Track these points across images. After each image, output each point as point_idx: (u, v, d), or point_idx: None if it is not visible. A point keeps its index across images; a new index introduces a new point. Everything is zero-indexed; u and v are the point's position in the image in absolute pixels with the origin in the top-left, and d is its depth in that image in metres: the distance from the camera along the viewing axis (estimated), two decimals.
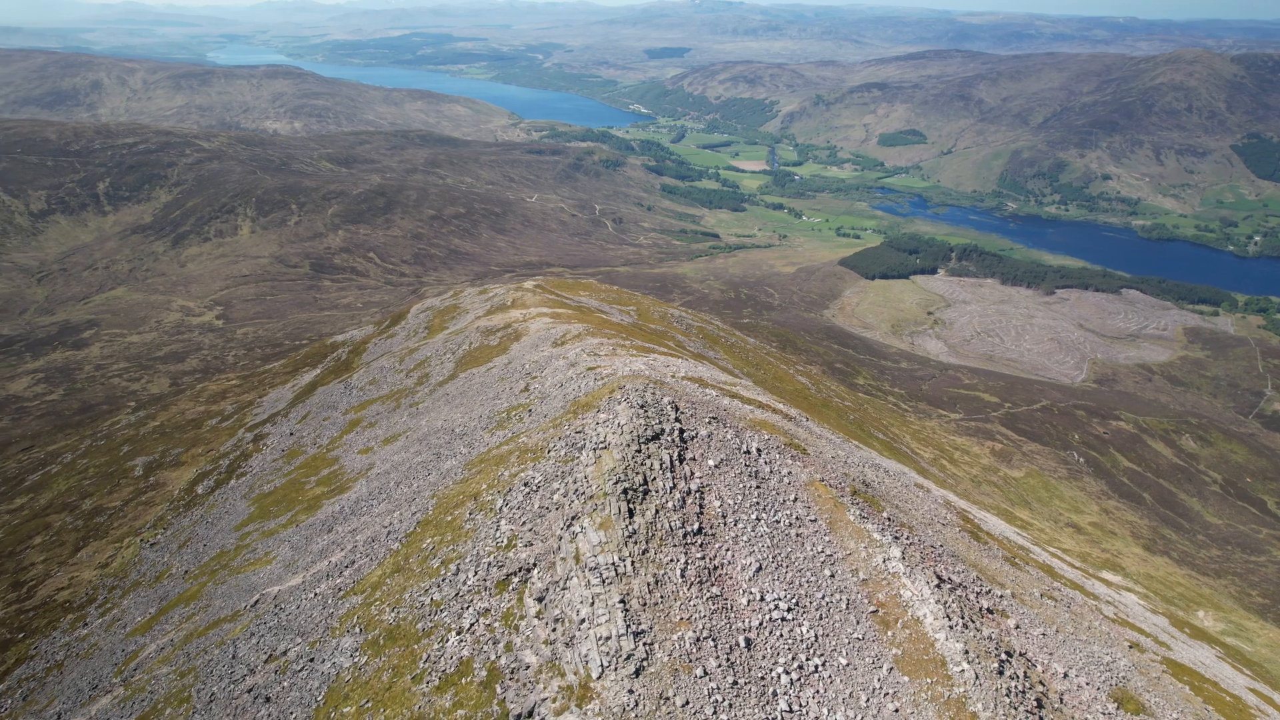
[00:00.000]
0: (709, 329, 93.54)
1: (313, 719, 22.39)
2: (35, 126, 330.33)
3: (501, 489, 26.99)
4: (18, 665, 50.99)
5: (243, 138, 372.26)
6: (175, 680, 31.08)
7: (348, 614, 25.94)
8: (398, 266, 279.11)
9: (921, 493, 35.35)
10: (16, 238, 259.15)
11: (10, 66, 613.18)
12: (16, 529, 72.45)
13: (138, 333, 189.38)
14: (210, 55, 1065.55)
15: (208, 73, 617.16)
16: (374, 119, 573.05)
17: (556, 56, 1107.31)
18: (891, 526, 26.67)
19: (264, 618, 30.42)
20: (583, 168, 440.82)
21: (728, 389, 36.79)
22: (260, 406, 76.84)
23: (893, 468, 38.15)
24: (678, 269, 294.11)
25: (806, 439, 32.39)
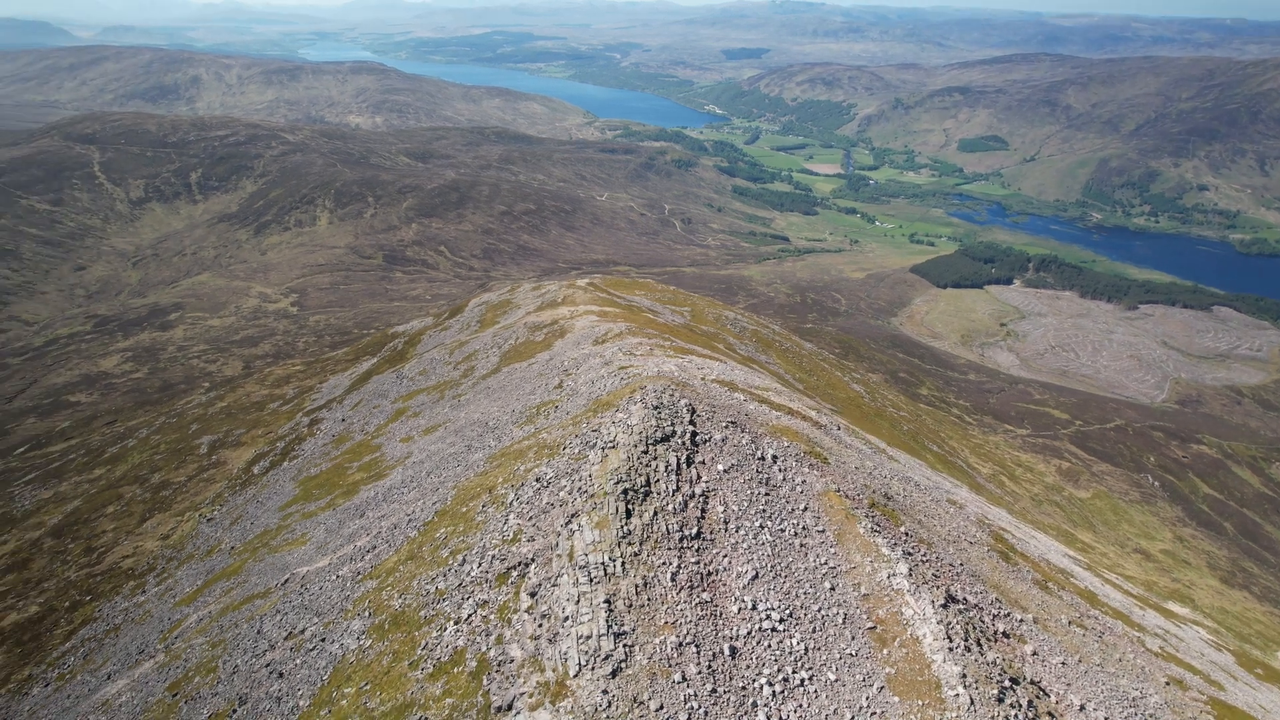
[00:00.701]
0: (764, 333, 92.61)
1: (317, 696, 23.06)
2: (138, 119, 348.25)
3: (515, 483, 27.31)
4: (83, 625, 53.94)
5: (325, 131, 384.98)
6: (207, 650, 32.40)
7: (361, 598, 26.63)
8: (467, 260, 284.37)
9: (953, 509, 34.31)
10: (117, 223, 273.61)
11: (121, 63, 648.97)
12: (93, 498, 76.62)
13: (218, 317, 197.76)
14: (301, 52, 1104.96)
15: (297, 68, 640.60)
16: (452, 115, 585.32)
17: (634, 56, 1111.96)
18: (906, 542, 25.95)
19: (290, 596, 31.44)
20: (654, 167, 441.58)
21: (758, 394, 36.37)
22: (319, 392, 79.38)
23: (925, 482, 37.12)
24: (744, 271, 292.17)
25: (832, 448, 31.80)
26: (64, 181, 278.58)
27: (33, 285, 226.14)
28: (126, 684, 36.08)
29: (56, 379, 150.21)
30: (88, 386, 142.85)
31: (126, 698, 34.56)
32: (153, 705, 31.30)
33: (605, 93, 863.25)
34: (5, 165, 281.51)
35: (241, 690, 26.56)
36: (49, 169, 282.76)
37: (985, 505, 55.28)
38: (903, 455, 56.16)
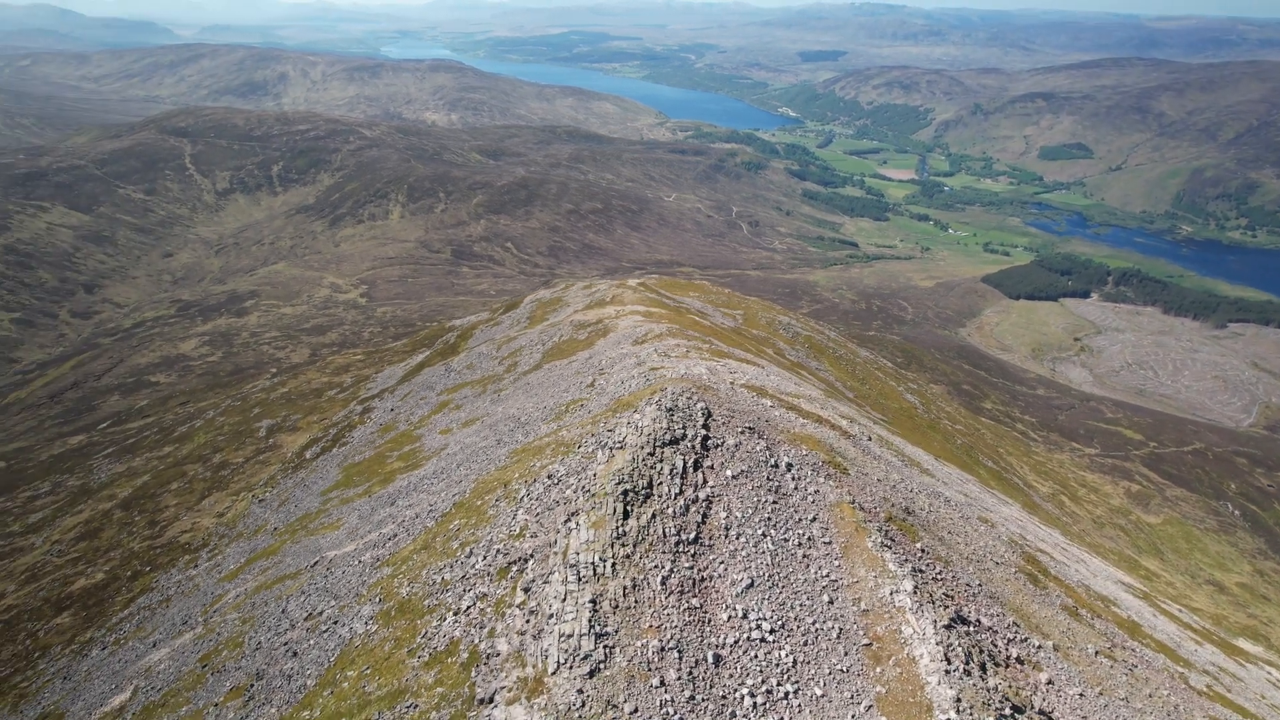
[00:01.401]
0: (818, 339, 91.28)
1: (323, 677, 23.72)
2: (227, 114, 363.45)
3: (529, 479, 27.60)
4: (141, 594, 56.59)
5: (401, 127, 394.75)
6: (238, 626, 33.63)
7: (375, 583, 27.28)
8: (532, 258, 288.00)
9: (984, 527, 33.23)
10: (203, 213, 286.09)
11: (216, 60, 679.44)
12: (160, 474, 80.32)
13: (291, 305, 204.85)
14: (384, 49, 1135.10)
15: (378, 66, 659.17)
16: (526, 114, 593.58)
17: (709, 57, 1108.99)
18: (921, 558, 25.22)
19: (315, 579, 32.39)
20: (724, 169, 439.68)
21: (787, 400, 35.87)
22: (374, 382, 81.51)
23: (957, 497, 36.03)
24: (810, 276, 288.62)
25: (855, 458, 31.15)
26: (158, 172, 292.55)
27: (125, 270, 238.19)
28: (167, 653, 37.72)
29: (140, 359, 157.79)
30: (167, 368, 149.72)
31: (165, 665, 36.15)
32: (185, 674, 32.66)
33: (678, 93, 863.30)
34: (107, 156, 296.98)
35: (260, 666, 27.51)
36: (145, 160, 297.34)
37: (1031, 525, 53.42)
38: (945, 470, 54.72)
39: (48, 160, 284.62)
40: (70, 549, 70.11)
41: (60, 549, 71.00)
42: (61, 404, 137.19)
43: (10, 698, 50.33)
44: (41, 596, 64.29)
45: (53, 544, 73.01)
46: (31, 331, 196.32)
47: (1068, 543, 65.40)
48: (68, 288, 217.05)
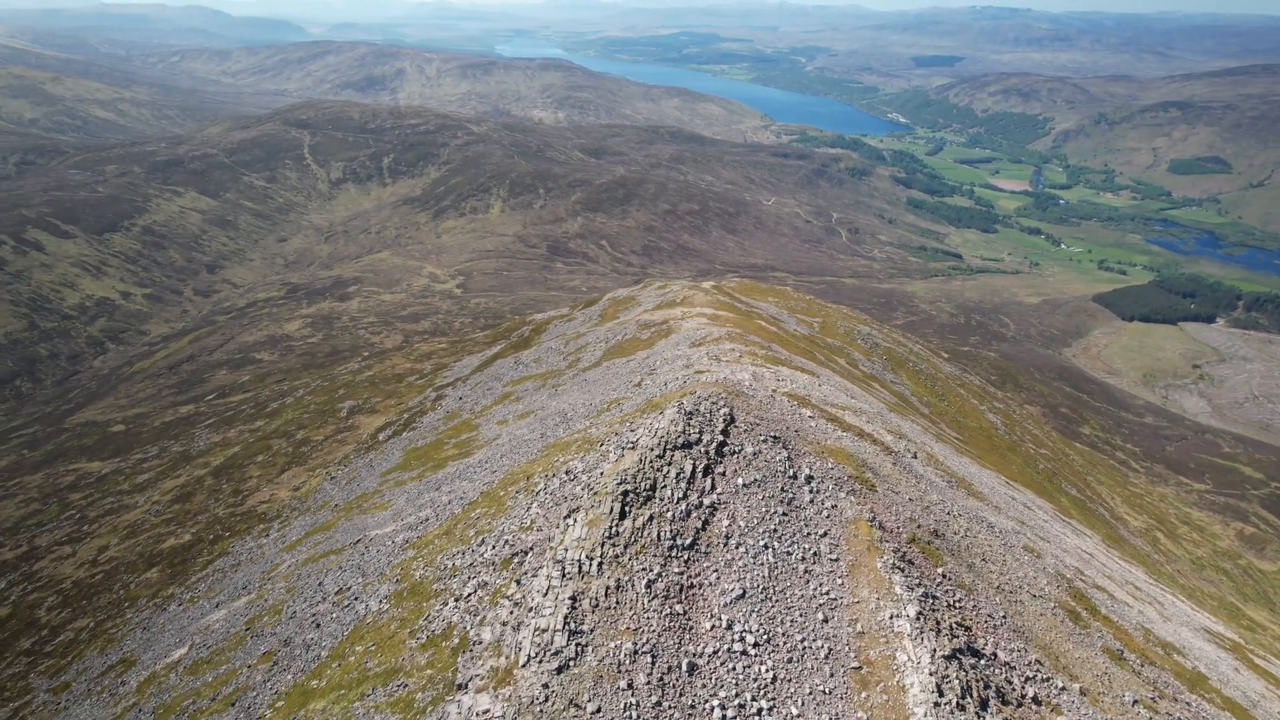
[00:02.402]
0: (899, 352, 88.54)
1: (335, 649, 24.67)
2: (345, 107, 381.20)
3: (549, 474, 27.89)
4: (218, 558, 60.11)
5: (507, 124, 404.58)
6: (282, 595, 35.32)
7: (397, 565, 28.16)
8: (626, 256, 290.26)
9: (1028, 557, 31.54)
10: (316, 201, 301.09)
11: (340, 56, 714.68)
12: (250, 446, 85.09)
13: (390, 292, 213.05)
14: (498, 47, 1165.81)
15: (490, 63, 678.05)
16: (631, 113, 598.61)
17: (819, 60, 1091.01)
18: (938, 584, 24.08)
19: (353, 556, 33.69)
20: (826, 174, 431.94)
21: (829, 412, 34.97)
22: (451, 370, 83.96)
23: (1005, 525, 34.28)
24: (907, 286, 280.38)
25: (889, 475, 30.10)
26: (278, 161, 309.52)
27: (244, 253, 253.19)
28: (224, 614, 39.97)
29: (249, 337, 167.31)
30: (271, 346, 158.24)
31: (219, 625, 38.33)
32: (232, 635, 34.54)
33: (786, 96, 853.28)
34: (235, 146, 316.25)
35: (290, 634, 28.84)
36: (268, 150, 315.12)
37: (1105, 560, 50.48)
38: (1011, 494, 52.27)
39: (184, 149, 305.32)
40: (166, 510, 75.12)
41: (158, 509, 76.17)
42: (177, 375, 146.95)
43: (100, 641, 54.31)
44: (137, 552, 69.20)
45: (152, 504, 78.40)
46: (160, 306, 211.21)
47: (1151, 581, 61.41)
48: (193, 267, 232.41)
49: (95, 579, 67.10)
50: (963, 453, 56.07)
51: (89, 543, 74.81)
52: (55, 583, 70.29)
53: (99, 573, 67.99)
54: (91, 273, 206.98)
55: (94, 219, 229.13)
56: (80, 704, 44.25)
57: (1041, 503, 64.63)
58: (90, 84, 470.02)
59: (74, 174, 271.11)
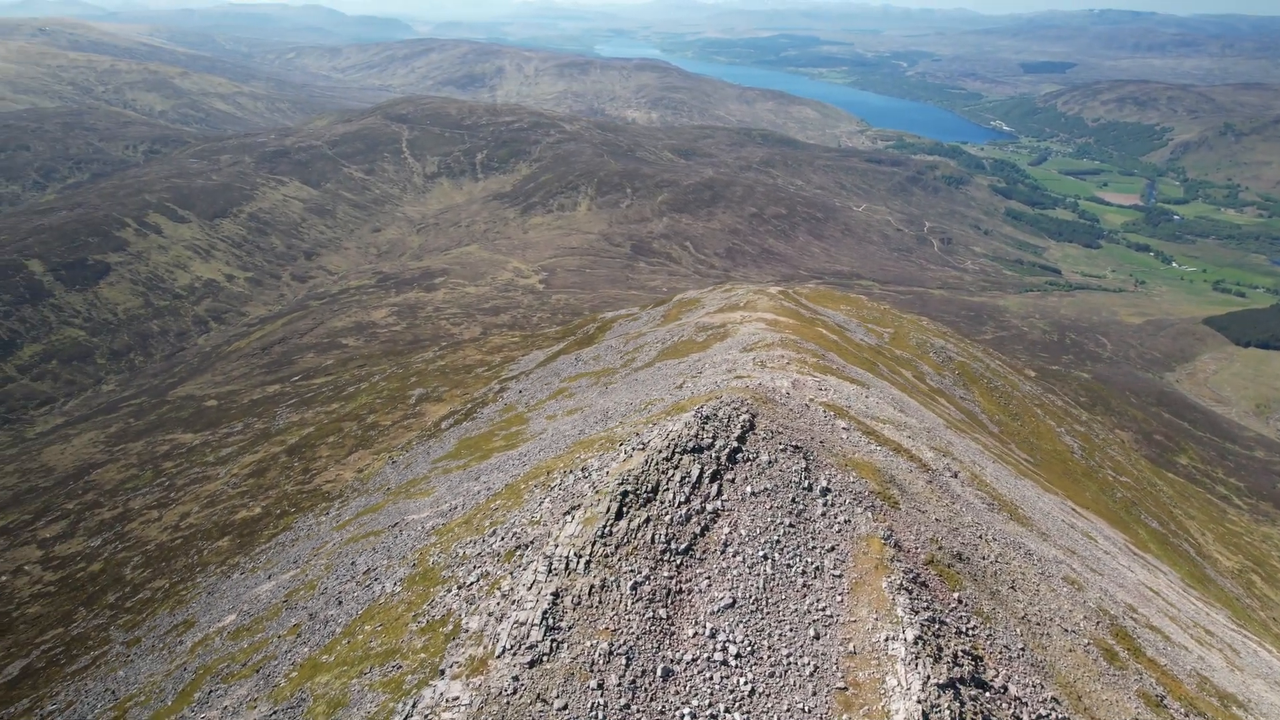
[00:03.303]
0: (973, 366, 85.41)
1: (348, 627, 25.54)
2: (443, 104, 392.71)
3: (567, 469, 28.12)
4: (281, 532, 62.96)
5: (599, 123, 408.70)
6: (320, 571, 36.77)
7: (418, 549, 28.94)
8: (709, 258, 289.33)
9: (1068, 589, 29.97)
10: (411, 194, 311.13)
11: (443, 54, 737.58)
12: (323, 427, 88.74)
13: (474, 285, 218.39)
14: (597, 47, 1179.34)
15: (587, 63, 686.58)
16: (724, 115, 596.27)
17: (921, 65, 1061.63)
18: (950, 609, 23.07)
19: (387, 539, 34.78)
20: (921, 182, 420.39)
21: (868, 425, 34.05)
22: (518, 364, 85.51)
23: (1048, 553, 32.64)
24: (999, 300, 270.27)
25: (919, 493, 29.09)
26: (377, 155, 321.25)
27: (340, 241, 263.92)
28: (272, 586, 41.84)
29: (338, 323, 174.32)
30: (357, 332, 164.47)
31: (266, 596, 40.16)
32: (272, 606, 36.16)
33: (884, 101, 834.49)
34: (338, 139, 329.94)
35: (316, 609, 30.00)
36: (368, 143, 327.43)
37: (1176, 599, 47.59)
38: (1078, 521, 49.85)
39: (291, 140, 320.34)
40: (242, 483, 79.12)
41: (235, 482, 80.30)
42: (269, 356, 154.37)
43: (171, 602, 57.61)
44: (213, 520, 73.13)
45: (231, 477, 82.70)
46: (259, 290, 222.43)
47: (1234, 627, 57.56)
48: (292, 253, 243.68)
49: (175, 543, 71.22)
50: (1026, 475, 53.71)
51: (174, 509, 79.46)
52: (141, 544, 74.87)
53: (179, 537, 72.14)
54: (201, 256, 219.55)
55: (207, 205, 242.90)
56: (145, 657, 46.96)
57: (1112, 533, 61.40)
58: (213, 78, 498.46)
59: (193, 163, 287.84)
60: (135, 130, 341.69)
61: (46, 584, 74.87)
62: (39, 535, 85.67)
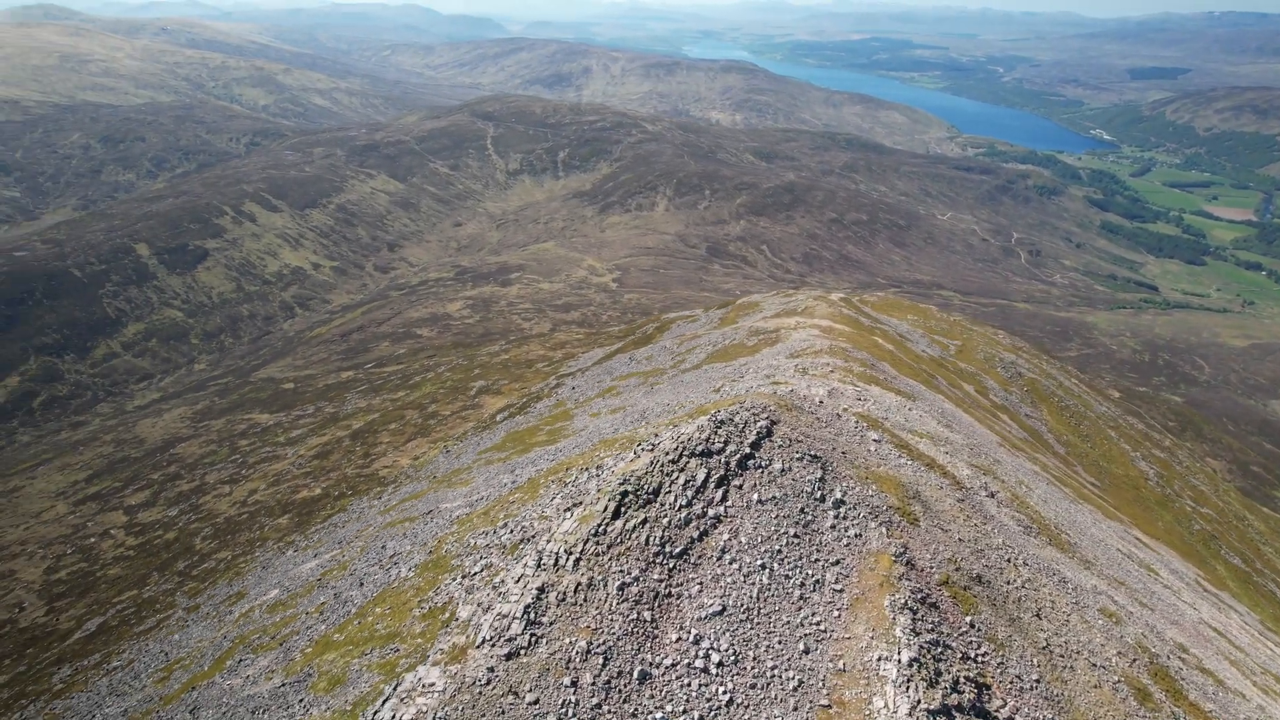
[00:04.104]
0: (1044, 384, 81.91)
1: (362, 608, 26.29)
2: (528, 102, 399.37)
3: (584, 467, 28.21)
4: (336, 513, 65.15)
5: (681, 124, 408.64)
6: (355, 554, 37.94)
7: (438, 537, 29.53)
8: (785, 263, 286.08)
9: (1103, 621, 28.45)
10: (493, 190, 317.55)
11: (533, 53, 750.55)
12: (387, 414, 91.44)
13: (549, 281, 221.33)
14: (685, 48, 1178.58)
15: (673, 64, 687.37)
16: (810, 118, 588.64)
17: (1019, 71, 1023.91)
18: (959, 634, 22.11)
19: (418, 526, 35.66)
20: (1011, 191, 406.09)
21: (902, 438, 33.06)
22: (577, 361, 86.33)
23: (1088, 583, 31.05)
24: (1087, 317, 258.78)
25: (945, 511, 28.07)
26: (463, 151, 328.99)
27: (422, 234, 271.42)
28: (314, 564, 43.38)
29: (414, 313, 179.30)
30: (432, 324, 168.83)
31: (306, 574, 41.67)
32: (308, 584, 37.53)
33: (977, 107, 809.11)
34: (426, 135, 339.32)
35: (341, 589, 30.99)
36: (454, 139, 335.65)
37: (1246, 642, 44.80)
38: (1138, 552, 47.39)
39: (381, 135, 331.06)
40: (307, 464, 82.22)
41: (301, 463, 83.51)
42: (346, 343, 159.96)
43: (230, 573, 60.27)
44: (277, 499, 76.22)
45: (298, 458, 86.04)
46: (344, 279, 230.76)
47: None
48: (376, 245, 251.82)
49: (241, 518, 74.53)
50: (1086, 499, 51.26)
51: (243, 485, 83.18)
52: (212, 516, 78.61)
53: (245, 513, 75.45)
54: (291, 244, 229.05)
55: (299, 195, 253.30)
56: (199, 624, 49.30)
57: (1182, 567, 58.18)
58: (313, 74, 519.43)
59: (288, 155, 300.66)
60: (239, 123, 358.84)
61: (128, 548, 79.33)
62: (126, 502, 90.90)
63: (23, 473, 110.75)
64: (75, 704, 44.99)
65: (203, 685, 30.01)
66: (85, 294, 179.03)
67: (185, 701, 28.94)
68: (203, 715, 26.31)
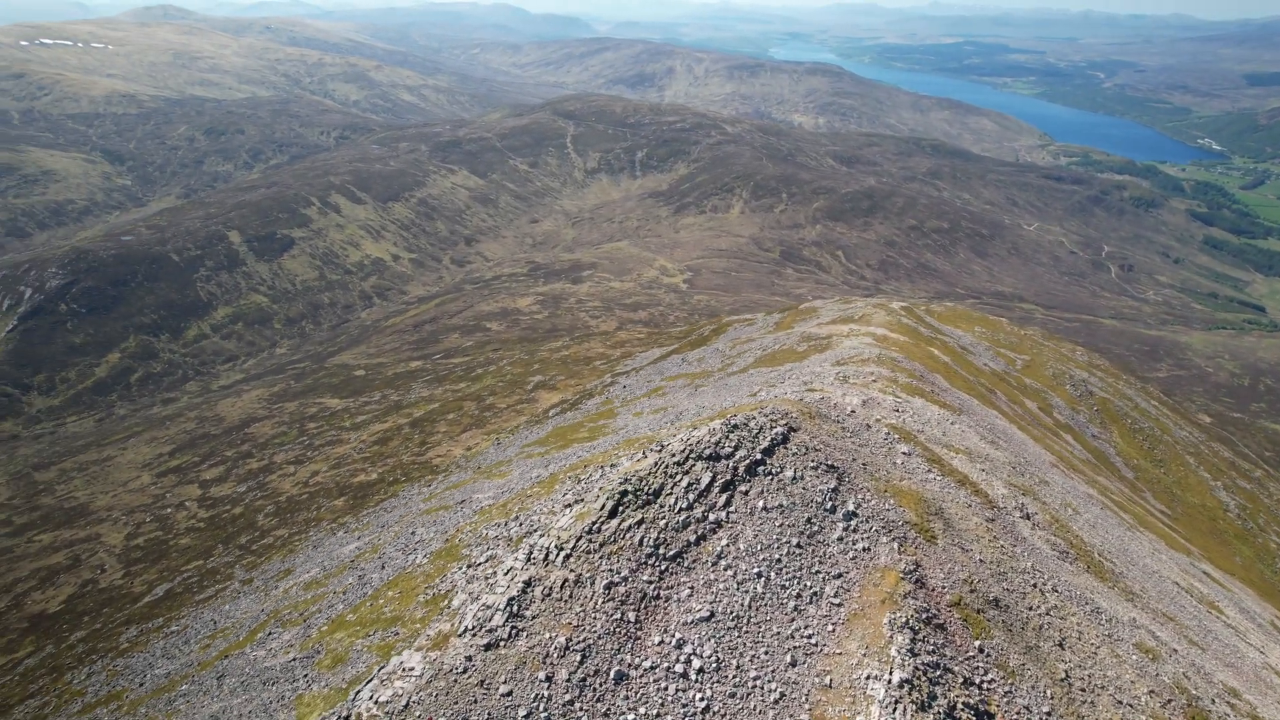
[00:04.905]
0: (1117, 404, 78.05)
1: (377, 590, 27.00)
2: (609, 102, 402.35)
3: (601, 465, 28.26)
4: (388, 499, 66.99)
5: (762, 126, 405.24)
6: (389, 538, 38.97)
7: (457, 527, 30.07)
8: (860, 269, 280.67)
9: (1139, 657, 26.94)
10: (570, 188, 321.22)
11: (618, 53, 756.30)
12: (447, 404, 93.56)
13: (619, 280, 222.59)
14: (771, 50, 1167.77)
15: (757, 65, 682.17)
16: (895, 123, 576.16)
17: (1121, 76, 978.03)
18: (964, 658, 21.19)
19: (447, 515, 36.39)
20: (1104, 203, 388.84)
21: (935, 452, 31.99)
22: (634, 360, 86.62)
23: (1128, 616, 29.50)
24: (1181, 336, 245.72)
25: (969, 529, 27.04)
26: (542, 149, 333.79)
27: (499, 230, 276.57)
28: (354, 547, 44.72)
29: (485, 307, 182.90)
30: (501, 318, 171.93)
31: (345, 555, 43.01)
32: (342, 564, 38.72)
33: (1075, 115, 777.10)
34: (508, 132, 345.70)
35: (366, 571, 31.88)
36: (535, 137, 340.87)
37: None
38: (1202, 588, 44.84)
39: (464, 132, 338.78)
40: (367, 449, 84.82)
41: (362, 448, 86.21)
42: (418, 333, 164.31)
43: (284, 550, 62.62)
44: (336, 481, 78.89)
45: (359, 443, 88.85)
46: (421, 271, 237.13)
47: None
48: (454, 239, 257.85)
49: (302, 498, 77.37)
50: (1147, 527, 48.66)
51: (307, 466, 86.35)
52: (276, 495, 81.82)
53: (306, 493, 78.30)
54: (372, 236, 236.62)
55: (382, 189, 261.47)
56: (248, 596, 51.42)
57: (1259, 607, 54.78)
58: (403, 71, 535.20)
59: (375, 149, 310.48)
60: (330, 118, 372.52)
61: (199, 520, 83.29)
62: (201, 476, 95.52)
63: (116, 443, 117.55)
64: (133, 663, 47.42)
65: (234, 654, 31.36)
66: (181, 277, 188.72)
67: (216, 669, 30.31)
68: (226, 683, 27.58)
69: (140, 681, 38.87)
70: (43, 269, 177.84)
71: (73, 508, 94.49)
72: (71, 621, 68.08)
